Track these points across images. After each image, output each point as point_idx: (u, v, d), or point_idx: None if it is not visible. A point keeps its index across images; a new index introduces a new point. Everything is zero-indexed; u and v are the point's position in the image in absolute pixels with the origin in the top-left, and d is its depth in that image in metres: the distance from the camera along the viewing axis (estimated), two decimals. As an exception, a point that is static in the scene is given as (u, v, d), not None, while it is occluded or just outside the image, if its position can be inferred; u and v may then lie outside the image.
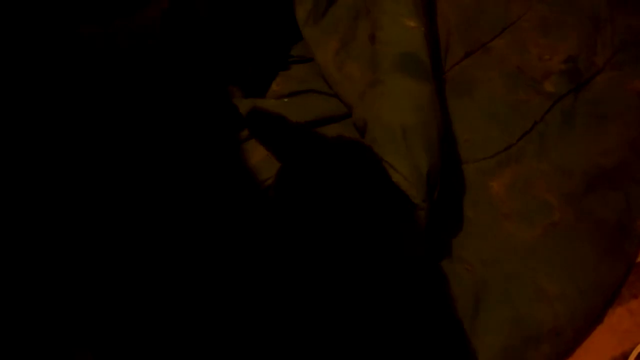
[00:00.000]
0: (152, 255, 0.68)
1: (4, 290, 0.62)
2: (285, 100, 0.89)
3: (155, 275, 0.67)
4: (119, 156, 0.75)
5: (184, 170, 0.78)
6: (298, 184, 0.69)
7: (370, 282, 0.62)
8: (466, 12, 0.99)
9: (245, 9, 0.89)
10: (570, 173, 0.78)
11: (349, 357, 0.61)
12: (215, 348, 0.63)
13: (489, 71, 0.90)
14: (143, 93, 0.80)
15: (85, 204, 0.70)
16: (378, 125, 0.67)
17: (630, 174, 0.77)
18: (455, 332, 0.65)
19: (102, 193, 0.71)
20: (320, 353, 0.62)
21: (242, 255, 0.69)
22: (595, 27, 0.93)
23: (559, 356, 0.68)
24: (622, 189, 0.76)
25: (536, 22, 0.96)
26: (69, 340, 0.62)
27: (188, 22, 0.83)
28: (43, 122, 0.71)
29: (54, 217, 0.68)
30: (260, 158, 0.80)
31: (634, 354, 0.68)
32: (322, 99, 0.88)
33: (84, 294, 0.65)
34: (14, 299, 0.62)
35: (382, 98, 0.69)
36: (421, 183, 0.61)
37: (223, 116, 0.85)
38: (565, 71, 0.86)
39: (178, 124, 0.82)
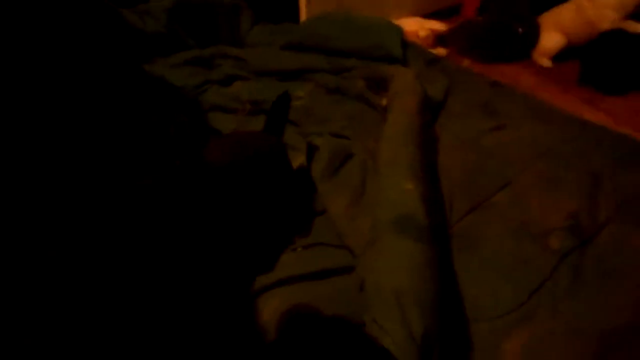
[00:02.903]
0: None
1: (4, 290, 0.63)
2: (299, 249, 0.93)
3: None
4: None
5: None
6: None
7: None
8: (468, 169, 1.06)
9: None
10: (583, 333, 0.74)
11: None
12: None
13: (494, 226, 0.92)
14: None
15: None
16: (373, 287, 0.68)
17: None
18: None
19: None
20: None
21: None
22: (595, 184, 0.96)
23: None
24: (633, 351, 0.71)
25: (537, 179, 1.00)
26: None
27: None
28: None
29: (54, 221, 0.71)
30: (270, 316, 0.81)
31: None
32: (330, 251, 0.92)
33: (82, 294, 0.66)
34: (12, 299, 0.63)
35: (378, 260, 0.72)
36: (413, 350, 0.60)
37: (241, 267, 0.89)
38: (568, 227, 0.87)
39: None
